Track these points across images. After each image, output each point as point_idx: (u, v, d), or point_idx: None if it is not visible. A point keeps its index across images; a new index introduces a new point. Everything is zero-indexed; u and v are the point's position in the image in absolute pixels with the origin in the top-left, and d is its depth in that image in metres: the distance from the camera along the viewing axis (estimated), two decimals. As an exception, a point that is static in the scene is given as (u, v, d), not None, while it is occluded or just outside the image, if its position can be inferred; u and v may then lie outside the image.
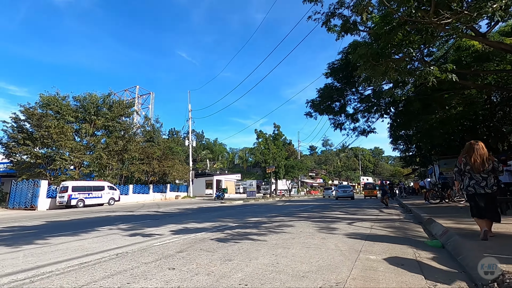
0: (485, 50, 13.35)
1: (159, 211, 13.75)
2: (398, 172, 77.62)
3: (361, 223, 7.79)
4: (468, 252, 3.78)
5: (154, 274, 3.16)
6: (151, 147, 30.15)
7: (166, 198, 31.34)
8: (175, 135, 49.43)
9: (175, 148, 34.93)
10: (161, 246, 4.76)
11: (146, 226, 7.58)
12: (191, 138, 36.95)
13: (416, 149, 24.04)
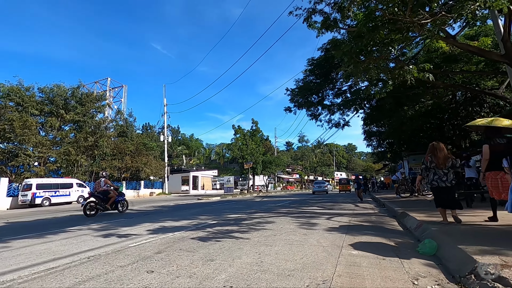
0: (452, 52, 14.11)
1: (133, 209, 13.20)
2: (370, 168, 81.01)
3: (340, 217, 7.95)
4: (444, 245, 3.94)
5: (131, 278, 2.96)
6: (124, 142, 28.91)
7: (140, 195, 30.30)
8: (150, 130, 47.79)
9: (150, 143, 33.72)
10: (138, 247, 4.51)
11: (120, 225, 7.20)
12: (167, 133, 35.92)
13: (388, 146, 25.09)
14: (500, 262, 2.80)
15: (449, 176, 5.26)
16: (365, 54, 6.59)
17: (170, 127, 55.78)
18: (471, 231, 4.53)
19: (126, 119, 32.19)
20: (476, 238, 3.95)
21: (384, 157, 30.46)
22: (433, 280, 2.86)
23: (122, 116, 32.53)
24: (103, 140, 26.15)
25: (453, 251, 3.50)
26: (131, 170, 29.10)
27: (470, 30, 15.71)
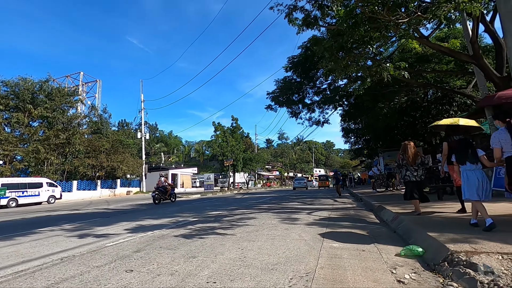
0: (424, 53, 14.78)
1: (109, 208, 12.73)
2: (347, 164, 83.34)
3: (320, 212, 8.10)
4: (417, 235, 4.12)
5: (109, 278, 2.83)
6: (99, 140, 27.72)
7: (116, 194, 29.28)
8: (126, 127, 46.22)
9: (126, 140, 32.60)
10: (115, 246, 4.34)
11: (95, 225, 6.90)
12: (144, 130, 34.89)
13: (364, 142, 25.92)
14: (470, 250, 2.96)
15: (418, 172, 6.00)
16: (345, 51, 6.74)
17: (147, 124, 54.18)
18: (444, 221, 4.77)
19: (101, 115, 30.90)
20: (448, 228, 4.17)
21: (361, 154, 31.45)
22: (410, 268, 2.98)
23: (96, 112, 31.16)
24: (76, 137, 24.92)
25: (428, 241, 3.66)
26: (107, 168, 28.01)
27: (440, 32, 16.53)
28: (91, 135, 28.86)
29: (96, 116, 30.43)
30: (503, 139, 3.95)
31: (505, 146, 3.94)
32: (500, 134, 4.00)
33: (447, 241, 3.32)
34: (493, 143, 4.09)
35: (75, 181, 25.90)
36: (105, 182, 28.89)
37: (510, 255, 2.76)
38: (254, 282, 2.60)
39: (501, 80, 8.38)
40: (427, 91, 17.76)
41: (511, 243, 3.08)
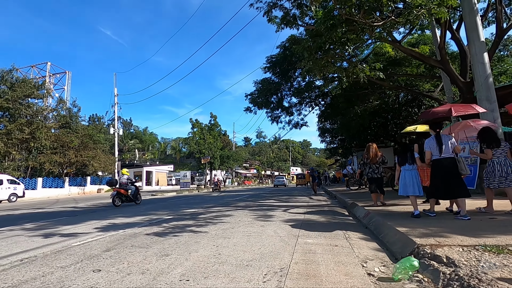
0: (396, 57, 15.46)
1: (77, 206, 12.11)
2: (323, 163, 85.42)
3: (295, 209, 8.22)
4: (387, 230, 4.29)
5: (74, 279, 2.68)
6: (67, 135, 26.21)
7: (86, 192, 27.93)
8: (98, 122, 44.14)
9: (97, 136, 31.04)
10: (83, 245, 4.12)
11: (61, 224, 6.52)
12: (117, 126, 33.52)
13: (339, 142, 26.70)
14: (434, 243, 3.13)
15: (379, 169, 7.07)
16: (323, 51, 6.88)
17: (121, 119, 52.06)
18: (409, 217, 5.01)
19: (70, 109, 29.16)
20: (415, 223, 4.38)
21: (336, 153, 32.38)
22: (380, 262, 3.10)
23: (65, 105, 29.40)
24: (42, 131, 23.39)
25: (396, 236, 3.83)
26: (76, 165, 26.58)
27: (411, 38, 17.36)
28: (59, 129, 27.22)
29: (64, 110, 28.70)
30: (432, 145, 4.83)
31: (433, 150, 4.83)
32: (430, 141, 4.87)
33: (414, 235, 3.48)
34: (425, 147, 4.96)
35: (40, 178, 24.36)
36: (74, 179, 27.45)
37: (469, 247, 2.94)
38: (228, 278, 2.57)
39: (464, 84, 8.94)
40: (398, 94, 18.62)
41: (471, 236, 3.29)
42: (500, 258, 2.59)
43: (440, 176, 4.78)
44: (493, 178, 5.01)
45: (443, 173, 4.75)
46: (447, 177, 4.71)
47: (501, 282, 2.04)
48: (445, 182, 4.72)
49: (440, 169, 4.78)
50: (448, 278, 2.37)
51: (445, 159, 4.71)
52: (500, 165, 4.94)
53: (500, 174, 4.92)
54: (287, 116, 17.10)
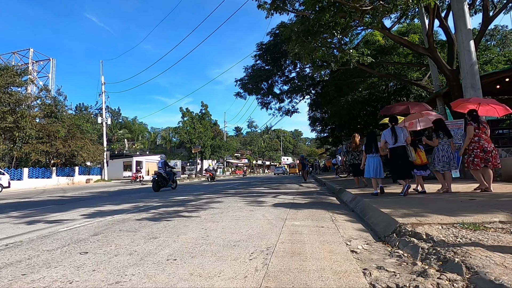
0: (386, 45, 15.52)
1: (65, 196, 11.94)
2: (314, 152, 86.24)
3: (285, 196, 8.34)
4: (372, 212, 4.42)
5: (61, 261, 2.67)
6: (53, 124, 25.54)
7: (75, 182, 27.51)
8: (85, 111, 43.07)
9: (84, 125, 30.33)
10: (70, 231, 4.09)
11: (48, 212, 6.44)
12: (105, 115, 32.86)
13: (330, 131, 26.94)
14: (416, 222, 3.24)
15: (360, 156, 7.98)
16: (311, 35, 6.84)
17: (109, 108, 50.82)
18: (395, 199, 5.16)
19: (55, 97, 28.30)
20: (398, 204, 4.52)
21: (326, 142, 32.71)
22: (363, 240, 3.20)
23: (50, 93, 28.51)
24: (26, 120, 22.71)
25: (380, 217, 3.94)
26: (64, 155, 26.04)
27: (401, 26, 17.42)
28: (44, 118, 26.47)
29: (49, 98, 27.85)
30: (387, 135, 5.77)
31: (388, 140, 5.77)
32: (386, 133, 5.82)
33: (397, 216, 3.60)
34: (382, 137, 5.92)
35: (26, 169, 23.82)
36: (62, 169, 26.94)
37: (448, 225, 3.07)
38: (215, 257, 2.62)
39: (451, 72, 9.08)
40: (388, 83, 18.79)
41: (450, 216, 3.42)
42: (476, 234, 2.71)
43: (394, 161, 5.78)
44: (438, 163, 5.85)
45: (396, 159, 5.70)
46: (399, 162, 5.64)
47: (474, 254, 2.15)
48: (398, 166, 5.71)
49: (394, 155, 5.73)
50: (426, 252, 2.48)
51: (398, 147, 5.63)
52: (443, 152, 5.79)
53: (443, 159, 5.77)
54: (277, 103, 17.05)
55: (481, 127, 5.45)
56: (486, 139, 5.42)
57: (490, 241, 2.46)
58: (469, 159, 5.49)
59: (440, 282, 1.88)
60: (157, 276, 2.18)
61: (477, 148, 5.39)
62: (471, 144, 5.46)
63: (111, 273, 2.28)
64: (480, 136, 5.40)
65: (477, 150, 5.38)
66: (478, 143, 5.40)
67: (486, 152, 5.32)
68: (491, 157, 5.32)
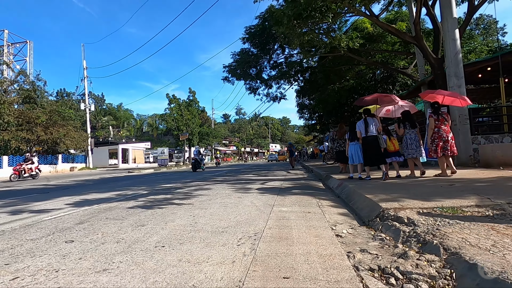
0: (374, 33, 15.54)
1: (49, 184, 11.65)
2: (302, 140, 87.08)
3: (272, 182, 8.43)
4: (357, 198, 4.54)
5: (46, 250, 2.63)
6: (33, 110, 24.52)
7: (59, 170, 26.81)
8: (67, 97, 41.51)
9: (67, 112, 29.27)
10: (54, 220, 4.02)
11: (31, 200, 6.28)
12: (88, 101, 31.81)
13: (318, 118, 27.13)
14: (398, 207, 3.36)
15: (344, 144, 8.57)
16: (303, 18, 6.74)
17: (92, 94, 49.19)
18: (379, 185, 5.32)
19: (33, 82, 27.05)
20: (381, 190, 4.66)
21: (314, 129, 32.97)
22: (348, 225, 3.30)
23: (28, 78, 27.20)
24: (4, 107, 21.69)
25: (365, 202, 4.06)
26: (46, 142, 25.19)
27: (389, 14, 17.43)
28: (23, 104, 25.35)
29: (27, 84, 26.59)
30: (361, 126, 6.43)
31: (361, 130, 6.42)
32: (359, 123, 6.49)
33: (380, 201, 3.72)
34: (356, 128, 6.56)
35: (5, 157, 22.96)
36: (44, 157, 26.12)
37: (428, 209, 3.20)
38: (203, 243, 2.64)
39: (436, 60, 9.23)
40: (375, 71, 18.95)
41: (429, 200, 3.57)
42: (454, 217, 2.85)
43: (366, 149, 6.39)
44: (407, 150, 6.45)
45: (368, 147, 6.32)
46: (371, 150, 6.27)
47: (452, 236, 2.26)
48: (370, 153, 6.34)
49: (366, 144, 6.35)
50: (407, 235, 2.59)
51: (370, 137, 6.28)
52: (411, 140, 6.38)
53: (411, 147, 6.38)
54: (266, 88, 16.94)
55: (441, 118, 6.01)
56: (444, 129, 5.97)
57: (466, 223, 2.58)
58: (432, 148, 6.04)
59: (419, 263, 1.98)
60: (145, 263, 2.19)
61: (437, 138, 5.96)
62: (433, 135, 6.02)
63: (98, 261, 2.27)
64: (440, 126, 5.97)
65: (437, 140, 5.95)
66: (437, 133, 5.97)
67: (444, 142, 5.90)
68: (449, 146, 5.89)
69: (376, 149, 6.21)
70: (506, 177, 5.44)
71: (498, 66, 8.86)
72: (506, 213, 2.87)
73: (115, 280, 1.89)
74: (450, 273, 1.79)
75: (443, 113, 6.13)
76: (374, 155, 6.27)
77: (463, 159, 8.28)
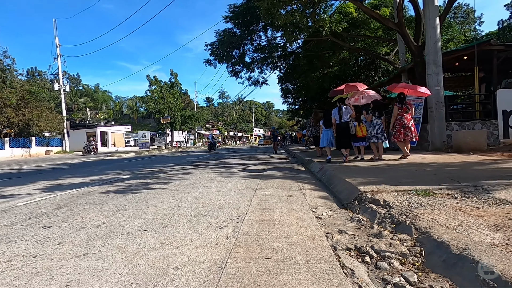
0: (358, 19, 15.54)
1: (22, 168, 11.16)
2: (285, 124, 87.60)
3: (255, 166, 8.51)
4: (337, 181, 4.69)
5: (22, 235, 2.56)
6: (1, 90, 22.98)
7: (32, 154, 25.63)
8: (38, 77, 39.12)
9: (40, 92, 27.64)
10: (30, 205, 3.89)
11: (3, 185, 5.99)
12: (63, 82, 30.14)
13: (301, 103, 27.29)
14: (375, 190, 3.51)
15: (319, 129, 9.19)
16: None
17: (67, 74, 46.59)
18: (358, 169, 5.50)
19: (0, 60, 25.21)
20: (360, 174, 4.83)
21: (297, 114, 33.24)
22: (328, 207, 3.42)
23: (-7, 56, 25.23)
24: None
25: (344, 185, 4.21)
26: (18, 124, 23.84)
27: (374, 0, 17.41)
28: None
29: (-7, 62, 24.72)
30: (335, 113, 7.11)
31: (336, 117, 7.10)
32: (334, 111, 7.16)
33: (359, 184, 3.86)
34: (332, 115, 7.22)
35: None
36: (16, 140, 24.82)
37: (403, 192, 3.36)
38: (186, 227, 2.66)
39: (416, 48, 9.42)
40: (358, 57, 19.11)
41: (404, 184, 3.74)
42: (426, 199, 3.02)
43: (339, 134, 7.13)
44: (372, 136, 7.04)
45: (341, 132, 7.03)
46: (343, 134, 7.02)
47: (423, 217, 2.40)
48: (342, 138, 7.08)
49: (339, 130, 7.07)
50: (382, 217, 2.72)
51: (342, 123, 6.98)
52: (377, 126, 6.99)
53: (377, 133, 6.97)
54: (248, 72, 16.71)
55: (404, 107, 6.66)
56: (406, 117, 6.65)
57: (437, 205, 2.75)
58: (394, 133, 6.72)
59: (392, 242, 2.10)
60: (127, 246, 2.19)
61: (398, 125, 6.65)
62: (396, 122, 6.68)
63: (78, 245, 2.24)
64: (402, 114, 6.65)
65: (398, 126, 6.65)
66: (400, 121, 6.64)
67: (405, 128, 6.58)
68: (410, 131, 6.58)
69: (347, 134, 6.98)
70: (474, 162, 5.78)
71: (474, 55, 9.19)
72: (472, 195, 3.08)
73: (96, 264, 1.88)
74: (420, 251, 1.92)
75: (406, 103, 6.77)
76: (344, 139, 7.07)
77: (437, 144, 8.68)
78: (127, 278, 1.67)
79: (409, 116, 6.70)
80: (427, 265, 1.78)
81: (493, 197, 2.93)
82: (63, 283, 1.63)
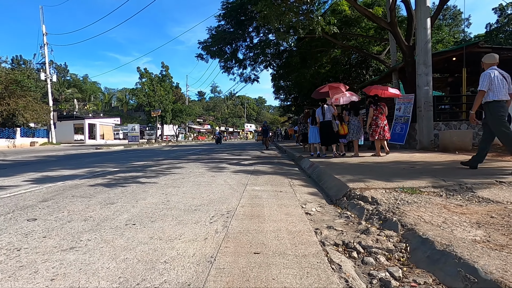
0: (352, 17, 15.62)
1: (6, 159, 10.84)
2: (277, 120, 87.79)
3: (246, 162, 8.52)
4: (327, 178, 4.75)
5: (5, 228, 2.50)
6: (-16, 79, 22.17)
7: (17, 145, 24.93)
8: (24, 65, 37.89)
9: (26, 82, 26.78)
10: (14, 197, 3.79)
11: (-14, 177, 5.82)
12: (49, 71, 29.29)
13: (293, 99, 27.35)
14: (364, 187, 3.57)
15: (307, 127, 9.47)
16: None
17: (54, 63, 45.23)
18: (348, 167, 5.58)
19: (-16, 46, 24.23)
20: (349, 171, 4.90)
21: (289, 110, 33.31)
22: (317, 203, 3.46)
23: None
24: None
25: (334, 182, 4.26)
26: (2, 114, 23.08)
27: (367, -1, 17.49)
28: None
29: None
30: (319, 112, 7.80)
31: (319, 116, 7.77)
32: (318, 110, 7.85)
33: (348, 181, 3.92)
34: (316, 114, 7.95)
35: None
36: (0, 131, 24.06)
37: (391, 189, 3.43)
38: (176, 221, 2.65)
39: (407, 48, 9.55)
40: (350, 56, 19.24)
41: (392, 181, 3.82)
42: (413, 197, 3.09)
43: (322, 132, 7.78)
44: (351, 134, 7.68)
45: (324, 130, 7.68)
46: (326, 132, 7.67)
47: (409, 214, 2.46)
48: (325, 135, 7.74)
49: (323, 127, 7.72)
50: (370, 213, 2.77)
51: (326, 121, 7.62)
52: (354, 126, 7.57)
53: (354, 131, 7.57)
54: (240, 68, 16.60)
55: (379, 108, 7.23)
56: (381, 117, 7.20)
57: (423, 202, 2.82)
58: (371, 132, 7.29)
59: (379, 238, 2.15)
60: (115, 240, 2.17)
61: (374, 125, 7.23)
62: (372, 122, 7.25)
63: (64, 239, 2.21)
64: (377, 115, 7.22)
65: (374, 126, 7.22)
66: (375, 121, 7.22)
67: (379, 127, 7.14)
68: (383, 131, 7.14)
69: (330, 131, 7.65)
70: (459, 161, 5.93)
71: (462, 57, 9.38)
72: (456, 193, 3.17)
73: (83, 258, 1.86)
74: (405, 247, 1.97)
75: (380, 105, 7.32)
76: (328, 136, 7.72)
77: (425, 143, 8.87)
78: (115, 272, 1.65)
79: (383, 116, 7.27)
80: (411, 261, 1.83)
81: (476, 196, 3.03)
82: (48, 277, 1.61)
